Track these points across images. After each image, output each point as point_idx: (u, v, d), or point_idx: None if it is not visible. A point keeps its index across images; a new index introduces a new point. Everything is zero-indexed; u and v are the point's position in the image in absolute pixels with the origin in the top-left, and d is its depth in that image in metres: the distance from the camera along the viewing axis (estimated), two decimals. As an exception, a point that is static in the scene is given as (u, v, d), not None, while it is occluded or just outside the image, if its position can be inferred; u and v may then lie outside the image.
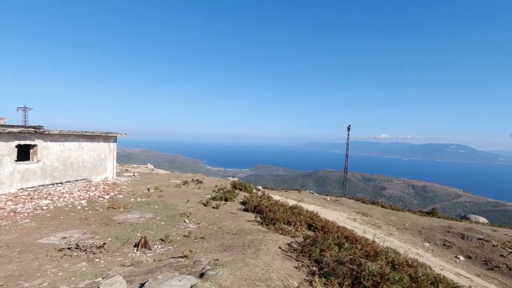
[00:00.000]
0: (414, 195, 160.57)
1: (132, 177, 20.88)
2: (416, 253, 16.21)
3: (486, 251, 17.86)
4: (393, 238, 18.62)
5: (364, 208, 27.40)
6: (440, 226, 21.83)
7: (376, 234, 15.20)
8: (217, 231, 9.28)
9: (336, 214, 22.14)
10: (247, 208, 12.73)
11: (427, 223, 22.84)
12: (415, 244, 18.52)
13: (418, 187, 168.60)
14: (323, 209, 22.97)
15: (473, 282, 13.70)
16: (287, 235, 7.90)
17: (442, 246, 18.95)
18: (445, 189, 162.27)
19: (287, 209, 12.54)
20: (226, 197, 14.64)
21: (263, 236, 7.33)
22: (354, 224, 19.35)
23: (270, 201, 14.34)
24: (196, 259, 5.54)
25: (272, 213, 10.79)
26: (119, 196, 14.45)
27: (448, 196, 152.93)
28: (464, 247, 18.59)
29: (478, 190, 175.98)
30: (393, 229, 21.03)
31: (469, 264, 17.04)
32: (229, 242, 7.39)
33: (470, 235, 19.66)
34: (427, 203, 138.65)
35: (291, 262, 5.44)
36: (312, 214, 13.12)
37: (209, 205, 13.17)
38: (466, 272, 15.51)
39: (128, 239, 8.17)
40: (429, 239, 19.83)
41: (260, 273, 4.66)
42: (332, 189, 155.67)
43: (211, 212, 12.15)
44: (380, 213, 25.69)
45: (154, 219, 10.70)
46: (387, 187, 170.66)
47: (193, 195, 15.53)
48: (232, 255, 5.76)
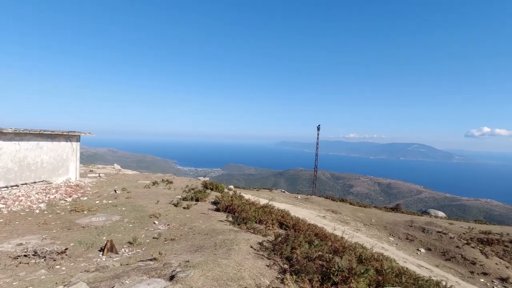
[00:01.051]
0: (380, 192, 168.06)
1: (97, 178, 19.93)
2: (382, 247, 16.95)
3: (444, 243, 19.07)
4: (361, 234, 19.32)
5: (334, 205, 28.20)
6: (403, 221, 22.99)
7: (345, 231, 15.71)
8: (188, 232, 9.10)
9: (306, 212, 22.59)
10: (219, 208, 12.62)
11: (391, 219, 23.95)
12: (380, 239, 19.35)
13: (383, 184, 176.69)
14: (294, 207, 23.33)
15: (433, 273, 14.56)
16: (258, 234, 7.92)
17: (405, 240, 19.97)
18: (407, 186, 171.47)
19: (259, 208, 12.59)
20: (197, 197, 14.41)
21: (235, 236, 7.30)
22: (324, 221, 19.85)
23: (242, 201, 14.33)
24: (166, 261, 5.39)
25: (243, 212, 10.78)
26: (83, 198, 13.73)
27: (410, 193, 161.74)
28: (425, 240, 19.71)
29: (437, 186, 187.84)
30: (361, 225, 21.83)
31: (429, 255, 18.10)
32: (200, 242, 7.27)
33: (430, 229, 20.88)
34: (391, 199, 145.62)
35: (262, 261, 5.45)
36: (284, 213, 13.28)
37: (180, 205, 12.90)
38: (426, 263, 16.47)
39: (92, 243, 7.77)
40: (394, 234, 20.81)
41: (232, 273, 4.62)
42: (303, 187, 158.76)
43: (181, 212, 11.90)
44: (349, 210, 26.57)
45: (122, 221, 10.28)
46: (355, 185, 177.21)
47: (163, 196, 15.13)
48: (204, 255, 5.67)
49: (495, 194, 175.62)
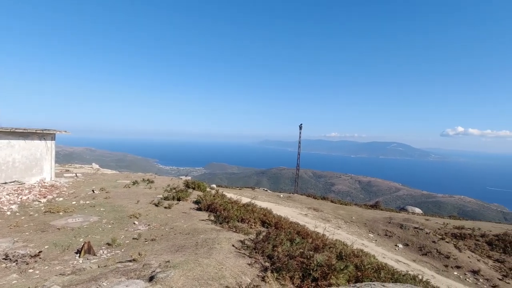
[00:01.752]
0: (360, 190, 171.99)
1: (74, 178, 19.29)
2: (362, 243, 17.34)
3: (420, 239, 19.73)
4: (342, 231, 19.68)
5: (315, 203, 28.58)
6: (382, 218, 23.61)
7: (326, 228, 15.97)
8: (169, 231, 8.96)
9: (289, 210, 22.78)
10: (201, 207, 12.51)
11: (371, 216, 24.55)
12: (360, 236, 19.78)
13: (363, 182, 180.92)
14: (276, 205, 23.47)
15: (410, 267, 15.03)
16: (240, 233, 7.91)
17: (384, 236, 20.50)
18: (387, 184, 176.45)
19: (241, 207, 12.57)
20: (178, 197, 14.22)
21: (217, 235, 7.25)
22: (306, 219, 20.08)
23: (224, 200, 14.26)
24: (146, 262, 5.28)
25: (225, 211, 10.73)
26: (58, 199, 13.24)
27: (389, 190, 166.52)
28: (403, 236, 20.33)
29: (414, 184, 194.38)
30: (342, 222, 22.24)
31: (406, 251, 18.68)
32: (181, 242, 7.18)
33: (407, 225, 21.55)
34: (371, 197, 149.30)
35: (244, 259, 5.45)
36: (266, 211, 13.32)
37: (161, 205, 12.68)
38: (404, 258, 16.99)
39: (69, 246, 7.51)
40: (373, 230, 21.33)
41: (213, 272, 4.59)
42: (285, 186, 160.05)
43: (163, 212, 11.71)
44: (330, 207, 27.01)
45: (100, 222, 9.99)
46: (336, 183, 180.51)
47: (144, 196, 14.82)
48: (185, 255, 5.60)
49: (468, 191, 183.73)
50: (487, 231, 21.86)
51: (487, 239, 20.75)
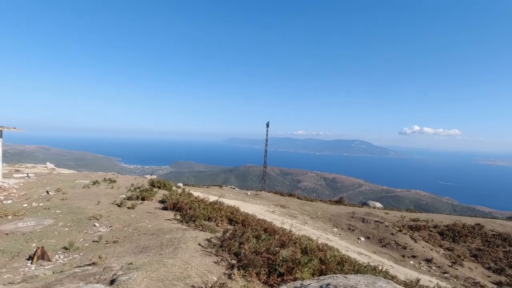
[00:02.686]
0: (326, 186, 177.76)
1: (25, 178, 17.89)
2: (327, 238, 17.92)
3: (380, 231, 20.82)
4: (308, 227, 20.20)
5: (282, 200, 29.06)
6: (346, 213, 24.58)
7: (293, 224, 16.26)
8: (133, 232, 8.63)
9: (256, 207, 22.93)
10: (166, 207, 12.17)
11: (335, 211, 25.45)
12: (325, 230, 20.44)
13: (328, 179, 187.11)
14: (244, 203, 23.53)
15: (371, 259, 15.80)
16: (207, 231, 7.82)
17: (347, 230, 21.37)
18: (350, 180, 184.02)
19: (208, 205, 12.42)
20: (143, 196, 13.72)
21: (183, 234, 7.10)
22: (273, 216, 20.34)
23: (191, 198, 14.00)
24: (107, 265, 5.03)
25: (192, 210, 10.54)
26: (6, 202, 12.20)
27: (352, 186, 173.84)
28: (365, 229, 21.32)
29: (375, 179, 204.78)
30: (308, 218, 22.82)
31: (368, 243, 19.62)
32: (145, 243, 6.93)
33: (369, 219, 22.63)
34: (336, 193, 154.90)
35: (210, 258, 5.39)
36: (233, 209, 13.28)
37: (124, 205, 12.16)
38: (366, 250, 17.83)
39: (19, 252, 6.94)
40: (337, 225, 22.14)
41: (178, 272, 4.49)
42: (253, 183, 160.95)
43: (126, 213, 11.23)
44: (296, 204, 27.60)
45: (55, 225, 9.35)
46: (303, 180, 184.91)
47: (105, 196, 14.12)
48: (149, 256, 5.42)
49: (423, 186, 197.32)
50: (439, 222, 23.58)
51: (439, 229, 22.40)
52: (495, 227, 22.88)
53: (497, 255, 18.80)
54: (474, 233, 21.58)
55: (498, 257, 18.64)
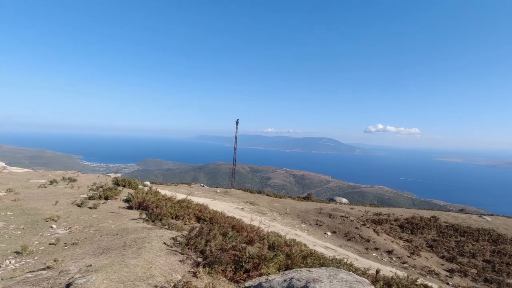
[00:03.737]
0: (295, 183, 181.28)
1: (-27, 178, 16.43)
2: (295, 233, 18.27)
3: (346, 226, 21.59)
4: (276, 223, 20.48)
5: (252, 197, 29.20)
6: (314, 209, 25.21)
7: (262, 221, 16.43)
8: (94, 233, 8.22)
9: (225, 205, 22.85)
10: (131, 206, 11.74)
11: (303, 207, 26.02)
12: (294, 226, 20.83)
13: (297, 176, 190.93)
14: (213, 201, 23.35)
15: (337, 252, 16.35)
16: (174, 230, 7.65)
17: (315, 225, 21.93)
18: (318, 177, 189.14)
19: (176, 203, 12.16)
20: (106, 195, 13.12)
21: (147, 234, 6.89)
22: (243, 213, 20.39)
23: (158, 197, 13.62)
24: (63, 268, 4.75)
25: (158, 208, 10.26)
26: (-51, 204, 11.12)
27: (320, 183, 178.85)
28: (331, 224, 22.00)
29: (342, 176, 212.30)
30: (277, 214, 23.13)
31: (334, 237, 20.28)
32: (107, 244, 6.64)
33: (335, 214, 23.38)
34: (304, 189, 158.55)
35: (176, 256, 5.28)
36: (201, 207, 13.13)
37: (85, 205, 11.55)
38: (332, 244, 18.42)
39: (-39, 259, 6.35)
40: (305, 221, 22.65)
41: (141, 272, 4.34)
42: (222, 181, 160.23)
43: (87, 213, 10.67)
44: (266, 201, 27.87)
45: (6, 228, 8.66)
46: (272, 177, 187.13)
47: (64, 196, 13.32)
48: (110, 257, 5.19)
49: (385, 181, 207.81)
50: (399, 216, 24.94)
51: (399, 222, 23.69)
52: (448, 219, 24.65)
53: (450, 245, 20.28)
54: (430, 225, 23.09)
55: (450, 246, 20.11)
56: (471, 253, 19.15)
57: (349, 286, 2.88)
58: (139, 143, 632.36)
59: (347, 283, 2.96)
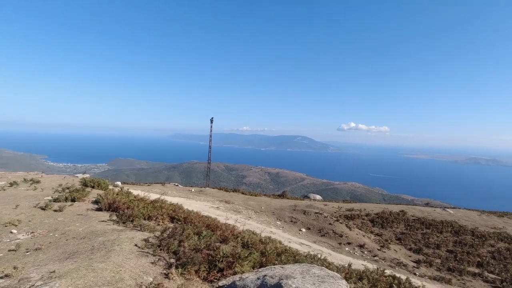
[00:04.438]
0: (270, 181, 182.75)
1: None
2: (270, 231, 18.38)
3: (320, 222, 22.04)
4: (252, 221, 20.51)
5: (227, 196, 29.06)
6: (289, 206, 25.52)
7: (237, 219, 16.37)
8: (60, 238, 7.78)
9: (200, 204, 22.58)
10: (101, 207, 11.26)
11: (278, 204, 26.26)
12: (269, 224, 20.97)
13: (273, 173, 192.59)
14: (187, 200, 23.00)
15: (311, 248, 16.65)
16: (146, 231, 7.42)
17: (290, 222, 22.19)
18: (293, 174, 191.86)
19: (148, 204, 11.82)
20: (73, 197, 12.49)
21: (118, 236, 6.63)
22: (218, 212, 20.23)
23: (129, 197, 13.18)
24: (24, 276, 4.45)
25: (130, 209, 9.91)
26: None
27: (295, 180, 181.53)
28: (305, 221, 22.36)
29: (316, 173, 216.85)
30: (252, 212, 23.17)
31: (309, 234, 20.63)
32: (74, 248, 6.31)
33: (309, 211, 23.80)
34: (280, 187, 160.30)
35: (147, 258, 5.11)
36: (175, 206, 12.87)
37: (50, 208, 10.92)
38: (306, 241, 18.72)
39: None
40: (280, 218, 22.87)
41: (109, 276, 4.16)
42: (197, 180, 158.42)
43: (52, 216, 10.09)
44: (241, 199, 27.84)
45: (-41, 235, 8.00)
46: (248, 175, 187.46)
47: (26, 199, 12.52)
48: (76, 262, 4.93)
49: (357, 178, 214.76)
50: (370, 211, 25.85)
51: (370, 217, 24.55)
52: (415, 213, 25.90)
53: (417, 237, 21.32)
54: (399, 219, 24.14)
55: (417, 238, 21.14)
56: (435, 244, 20.24)
57: (321, 281, 2.93)
58: (110, 142, 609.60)
59: (319, 278, 3.01)
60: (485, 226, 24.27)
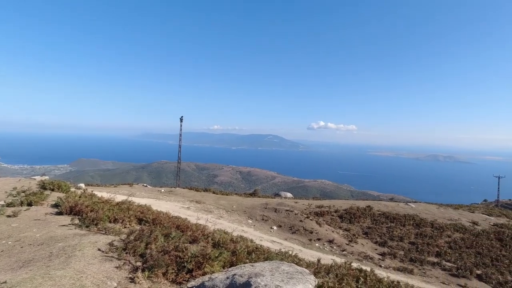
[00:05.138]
0: (241, 180, 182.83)
1: None
2: (242, 230, 18.35)
3: (291, 219, 22.35)
4: (223, 220, 20.36)
5: (198, 196, 28.64)
6: (260, 204, 25.63)
7: (208, 219, 16.14)
8: (14, 245, 7.21)
9: (170, 204, 22.06)
10: (61, 211, 10.58)
11: (250, 203, 26.30)
12: (241, 223, 20.93)
13: (244, 172, 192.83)
14: (157, 201, 22.39)
15: (283, 245, 16.83)
16: (111, 234, 7.08)
17: (261, 221, 22.30)
18: (264, 173, 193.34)
19: (114, 206, 11.31)
20: (30, 201, 11.64)
21: (79, 240, 6.26)
22: (188, 212, 19.87)
23: (93, 200, 12.53)
24: (-31, 288, 4.05)
25: (94, 212, 9.41)
26: None
27: (267, 179, 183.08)
28: (277, 219, 22.58)
29: (287, 171, 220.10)
30: (223, 212, 23.01)
31: (280, 231, 20.85)
32: (30, 256, 5.86)
33: (280, 208, 24.07)
34: (251, 186, 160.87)
35: (111, 263, 4.86)
36: (144, 208, 12.44)
37: (2, 213, 10.09)
38: (278, 238, 18.91)
39: None
40: (252, 216, 22.91)
41: (68, 284, 3.90)
42: (168, 180, 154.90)
43: (4, 222, 9.33)
44: (212, 199, 27.55)
45: None
46: (219, 174, 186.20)
47: (-26, 204, 11.49)
48: (32, 271, 4.57)
49: (327, 175, 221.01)
50: (339, 207, 26.66)
51: (339, 213, 25.31)
52: (380, 208, 27.10)
53: (382, 231, 22.31)
54: (366, 214, 25.13)
55: (382, 232, 22.13)
56: (399, 237, 21.31)
57: (290, 277, 2.94)
58: (72, 142, 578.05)
59: (288, 275, 3.02)
60: (443, 218, 25.96)
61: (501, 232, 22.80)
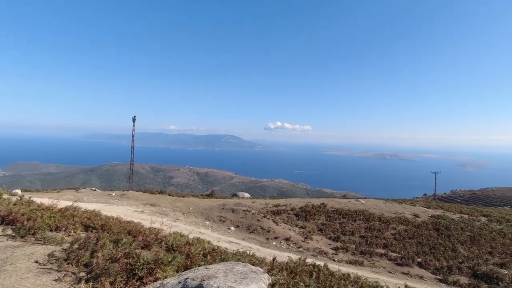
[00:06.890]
0: (199, 181, 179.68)
1: None
2: (199, 231, 17.97)
3: (248, 219, 22.42)
4: (180, 223, 19.77)
5: (153, 198, 27.52)
6: (217, 205, 25.35)
7: (164, 222, 15.55)
8: None
9: (122, 209, 20.90)
10: (-8, 221, 9.44)
11: (207, 204, 25.89)
12: (198, 224, 20.50)
13: (201, 173, 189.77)
14: (107, 205, 21.06)
15: (240, 245, 16.80)
16: (51, 244, 6.44)
17: (219, 222, 22.05)
18: (222, 174, 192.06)
19: (56, 213, 10.34)
20: (-50, 211, 10.20)
21: (11, 253, 5.59)
22: (142, 216, 18.98)
23: (31, 207, 11.36)
24: None
25: (31, 221, 8.50)
26: None
27: (224, 179, 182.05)
28: (234, 219, 22.50)
29: (244, 171, 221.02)
30: (179, 214, 22.35)
31: (238, 231, 20.79)
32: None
33: (238, 209, 24.03)
34: (209, 187, 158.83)
35: (50, 275, 4.41)
36: (91, 213, 11.57)
37: None
38: (235, 238, 18.83)
39: None
40: (209, 218, 22.56)
41: (-5, 303, 3.44)
42: (120, 183, 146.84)
43: None
44: (168, 201, 26.64)
45: None
46: (175, 176, 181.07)
47: None
48: (-51, 292, 3.97)
49: (283, 175, 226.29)
50: (295, 206, 27.36)
51: (295, 211, 25.97)
52: (334, 205, 28.36)
53: (335, 227, 23.36)
54: (320, 211, 26.12)
55: (335, 228, 23.17)
56: (351, 232, 22.48)
57: (243, 277, 2.90)
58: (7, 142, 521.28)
59: (241, 275, 2.98)
60: (389, 212, 27.96)
61: (438, 223, 25.21)
